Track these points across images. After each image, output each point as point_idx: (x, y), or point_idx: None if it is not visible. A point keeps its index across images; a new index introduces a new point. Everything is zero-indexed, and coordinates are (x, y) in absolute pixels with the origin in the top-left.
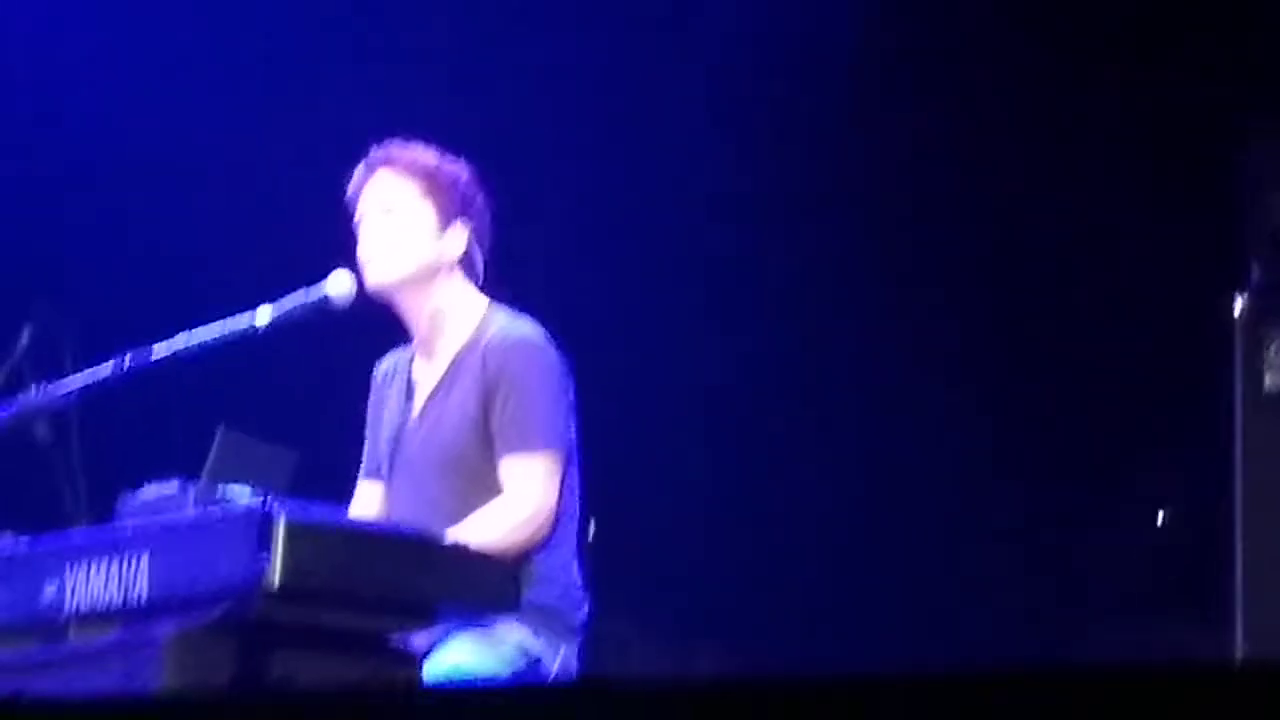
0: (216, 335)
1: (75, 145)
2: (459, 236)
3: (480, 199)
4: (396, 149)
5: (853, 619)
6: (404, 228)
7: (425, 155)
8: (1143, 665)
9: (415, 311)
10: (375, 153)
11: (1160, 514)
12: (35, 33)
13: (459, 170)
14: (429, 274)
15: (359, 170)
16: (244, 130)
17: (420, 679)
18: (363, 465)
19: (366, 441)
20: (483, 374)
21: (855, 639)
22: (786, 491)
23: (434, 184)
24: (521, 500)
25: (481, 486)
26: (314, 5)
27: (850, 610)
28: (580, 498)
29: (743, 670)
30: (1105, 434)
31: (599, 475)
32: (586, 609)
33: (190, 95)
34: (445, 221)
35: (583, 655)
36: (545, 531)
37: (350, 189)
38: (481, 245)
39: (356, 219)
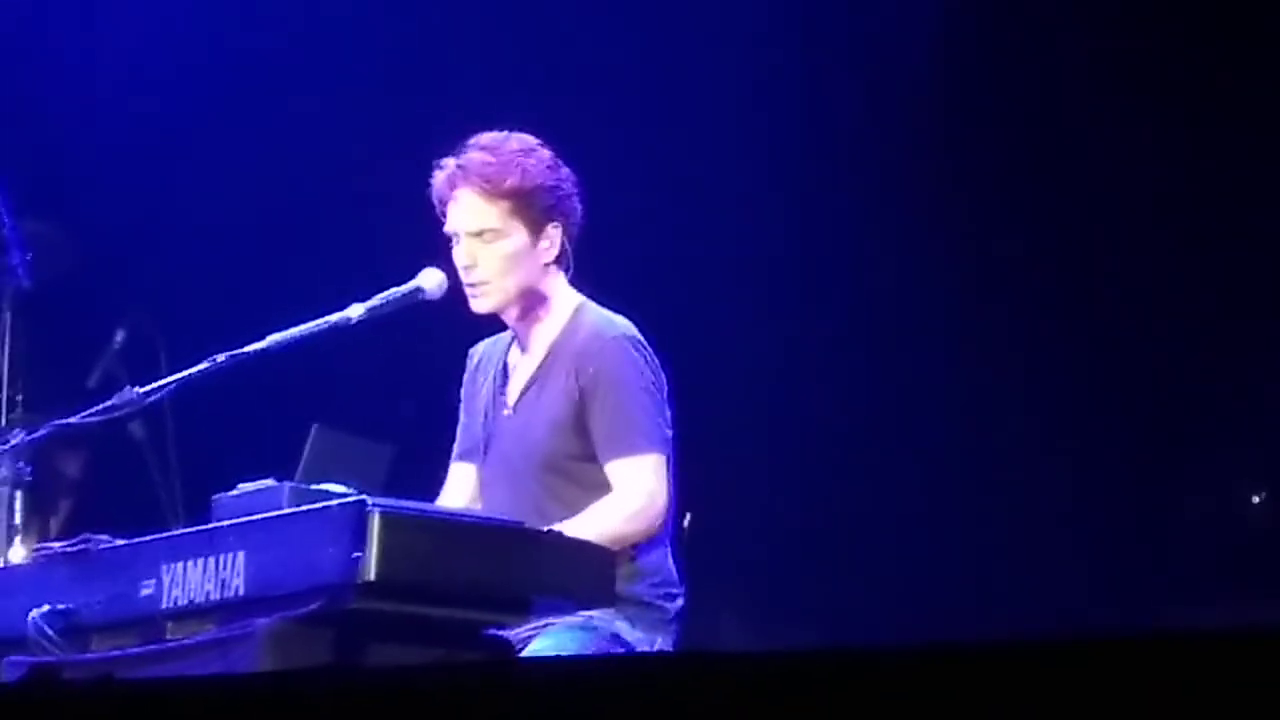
0: (310, 330)
1: (167, 149)
2: (552, 239)
3: (566, 186)
4: (476, 164)
5: (941, 598)
6: (499, 253)
7: (504, 167)
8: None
9: (515, 314)
10: (452, 165)
11: (1256, 498)
12: (128, 44)
13: (539, 170)
14: (531, 284)
15: (440, 179)
16: (334, 131)
17: None
18: (456, 446)
19: (461, 424)
20: (577, 373)
21: (946, 618)
22: (873, 476)
23: (519, 201)
24: (634, 495)
25: (578, 485)
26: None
27: (939, 589)
28: (675, 492)
29: None
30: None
31: (689, 468)
32: (682, 601)
33: (282, 98)
34: (537, 233)
35: (678, 646)
36: (657, 525)
37: (434, 196)
38: (573, 232)
39: (447, 231)
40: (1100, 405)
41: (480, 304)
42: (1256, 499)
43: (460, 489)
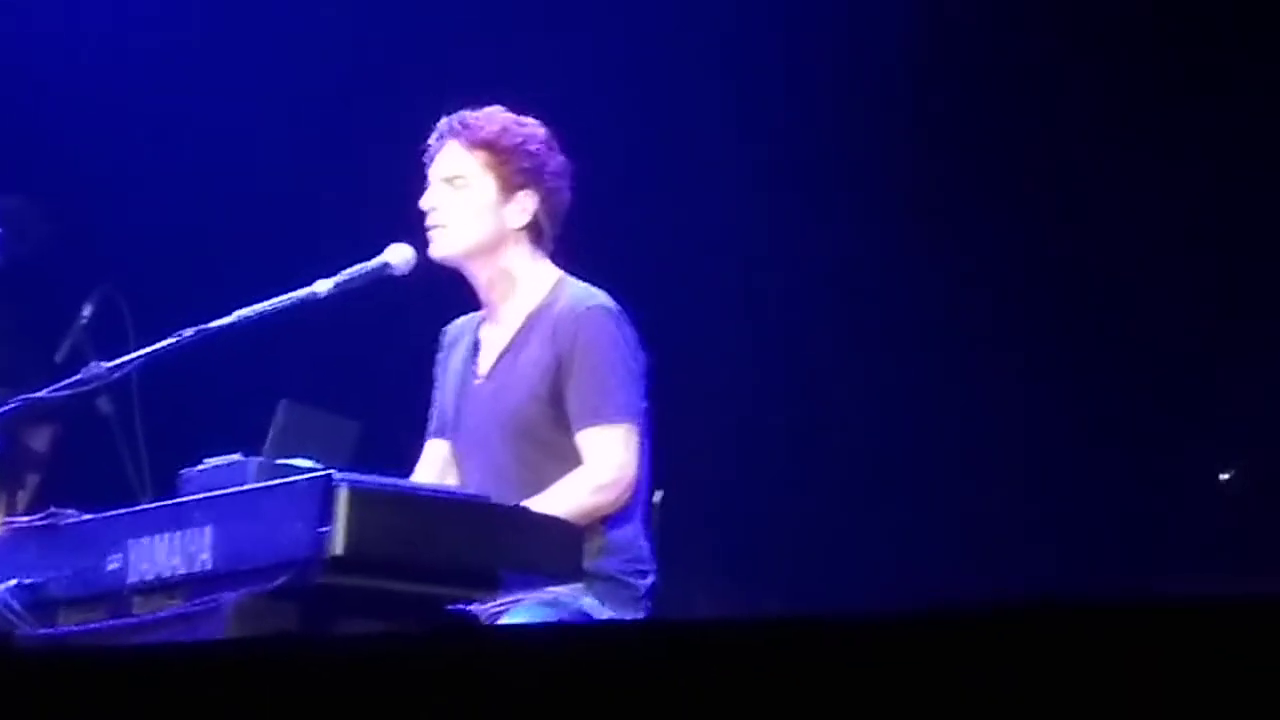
0: (278, 306)
1: (136, 123)
2: (523, 206)
3: (552, 164)
4: (465, 118)
5: (919, 575)
6: (464, 200)
7: (490, 125)
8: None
9: (482, 279)
10: (448, 120)
11: (1224, 475)
12: (98, 17)
13: (526, 137)
14: (492, 245)
15: (434, 138)
16: (303, 107)
17: None
18: (430, 424)
19: (434, 402)
20: (554, 343)
21: (923, 595)
22: (852, 451)
23: (496, 156)
24: (603, 466)
25: (550, 455)
26: None
27: (917, 567)
28: (649, 468)
29: None
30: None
31: (662, 445)
32: (653, 578)
33: (252, 73)
34: (508, 193)
35: None
36: (626, 497)
37: (426, 156)
38: (553, 211)
39: (427, 185)
40: (1081, 385)
41: (436, 247)
42: (1225, 476)
43: (431, 466)
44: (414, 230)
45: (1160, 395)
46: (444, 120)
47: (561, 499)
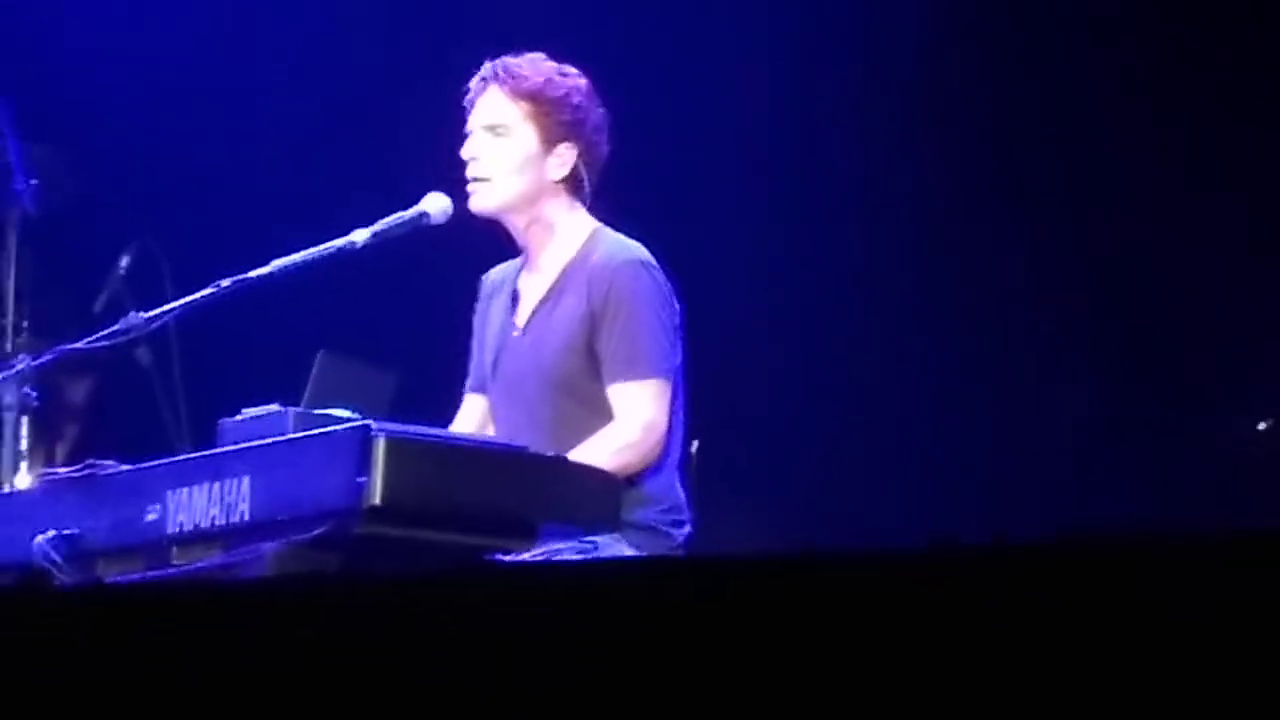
0: (315, 255)
1: (173, 72)
2: (563, 159)
3: (593, 117)
4: (510, 65)
5: (954, 523)
6: (506, 151)
7: (535, 74)
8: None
9: (520, 228)
10: (491, 65)
11: (1261, 425)
12: None
13: (569, 89)
14: (532, 197)
15: (476, 81)
16: (338, 57)
17: None
18: (469, 378)
19: (473, 354)
20: (589, 295)
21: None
22: (886, 399)
23: (539, 107)
24: (630, 424)
25: (588, 406)
26: None
27: (952, 514)
28: (684, 418)
29: None
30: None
31: (699, 394)
32: (689, 528)
33: (289, 20)
34: (549, 145)
35: None
36: (656, 453)
37: (467, 99)
38: (592, 163)
39: (466, 130)
40: (1115, 340)
41: (477, 200)
42: (1263, 425)
43: (469, 421)
44: (451, 179)
45: (1189, 355)
46: (487, 65)
47: (588, 458)
